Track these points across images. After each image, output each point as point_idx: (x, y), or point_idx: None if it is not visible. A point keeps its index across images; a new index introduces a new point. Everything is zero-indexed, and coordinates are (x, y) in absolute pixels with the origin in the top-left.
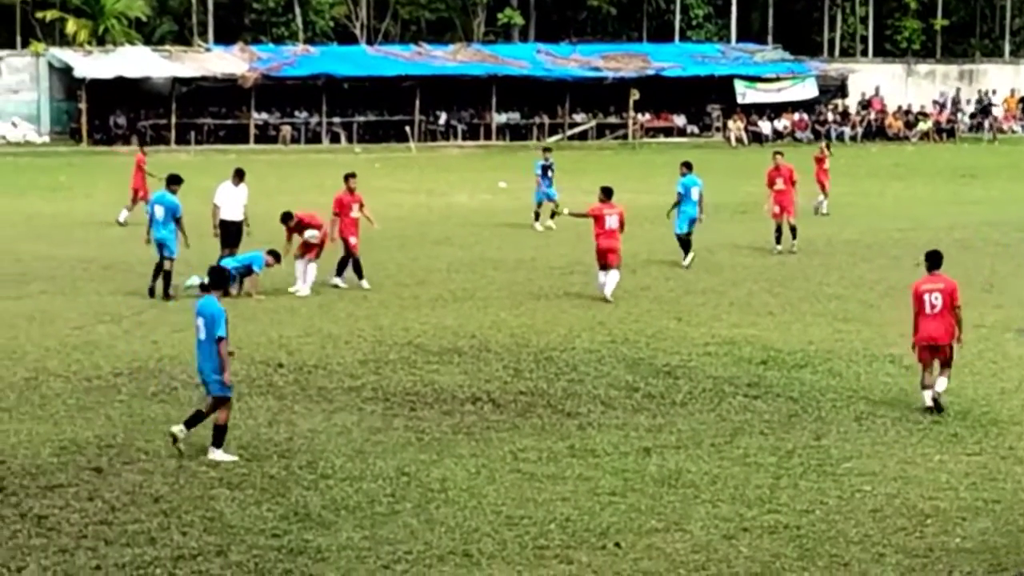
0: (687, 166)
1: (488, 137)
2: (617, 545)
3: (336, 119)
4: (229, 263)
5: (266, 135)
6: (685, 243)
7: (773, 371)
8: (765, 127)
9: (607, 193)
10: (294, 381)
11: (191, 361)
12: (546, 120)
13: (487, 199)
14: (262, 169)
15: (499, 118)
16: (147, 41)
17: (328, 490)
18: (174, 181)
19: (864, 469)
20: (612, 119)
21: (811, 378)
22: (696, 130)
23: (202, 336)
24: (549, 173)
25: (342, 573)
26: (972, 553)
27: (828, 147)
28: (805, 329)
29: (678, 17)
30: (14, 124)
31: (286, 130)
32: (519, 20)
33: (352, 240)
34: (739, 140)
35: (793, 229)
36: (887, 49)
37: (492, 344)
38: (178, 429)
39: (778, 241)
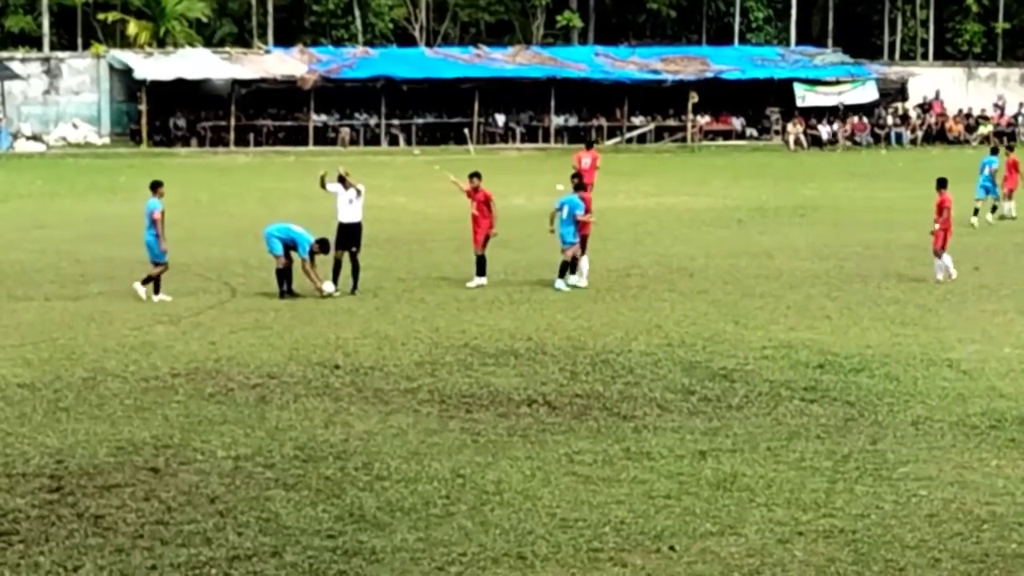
0: (993, 150)
1: (546, 140)
2: (671, 548)
3: (395, 121)
4: (273, 230)
5: (325, 137)
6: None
7: (830, 375)
8: (824, 131)
9: (944, 184)
10: (350, 383)
11: (249, 362)
12: (604, 123)
13: (545, 201)
14: (321, 171)
15: (557, 120)
16: (207, 43)
17: (383, 492)
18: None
19: (920, 474)
20: (671, 122)
21: (868, 382)
22: (755, 133)
23: None
24: (987, 171)
25: (396, 575)
26: None
27: (993, 145)
28: (863, 333)
29: (737, 20)
30: (75, 125)
31: (345, 132)
32: (578, 22)
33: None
34: (798, 143)
35: None
36: (948, 52)
37: (548, 347)
38: None
39: None
